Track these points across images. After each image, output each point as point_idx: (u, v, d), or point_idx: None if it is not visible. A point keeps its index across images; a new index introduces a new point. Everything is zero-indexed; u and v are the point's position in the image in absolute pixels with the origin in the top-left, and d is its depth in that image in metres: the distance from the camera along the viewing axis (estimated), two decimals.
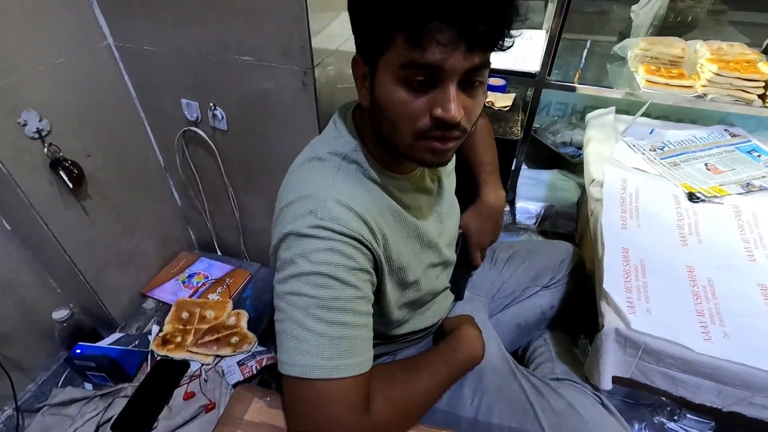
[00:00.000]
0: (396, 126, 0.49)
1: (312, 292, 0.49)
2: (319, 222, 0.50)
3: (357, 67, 0.53)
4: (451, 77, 0.45)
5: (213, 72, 0.87)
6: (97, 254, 1.00)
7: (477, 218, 0.84)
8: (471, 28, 0.42)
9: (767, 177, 1.04)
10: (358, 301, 0.51)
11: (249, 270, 1.20)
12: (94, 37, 0.88)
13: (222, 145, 1.00)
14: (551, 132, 1.61)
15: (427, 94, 0.47)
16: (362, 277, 0.52)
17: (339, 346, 0.49)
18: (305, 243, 0.50)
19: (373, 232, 0.54)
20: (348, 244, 0.50)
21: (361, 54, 0.52)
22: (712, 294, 0.78)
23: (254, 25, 0.78)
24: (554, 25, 1.23)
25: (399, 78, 0.46)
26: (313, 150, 0.60)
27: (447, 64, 0.44)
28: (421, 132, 0.49)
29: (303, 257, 0.49)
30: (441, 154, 0.51)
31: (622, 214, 0.94)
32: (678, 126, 1.28)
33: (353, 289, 0.50)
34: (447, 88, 0.45)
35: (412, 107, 0.47)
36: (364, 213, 0.53)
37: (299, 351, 0.48)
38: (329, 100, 0.87)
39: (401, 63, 0.45)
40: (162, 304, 1.14)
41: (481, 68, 0.46)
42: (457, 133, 0.49)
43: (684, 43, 1.32)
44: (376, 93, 0.50)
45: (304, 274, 0.49)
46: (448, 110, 0.46)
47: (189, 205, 1.21)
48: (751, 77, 1.11)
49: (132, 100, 0.99)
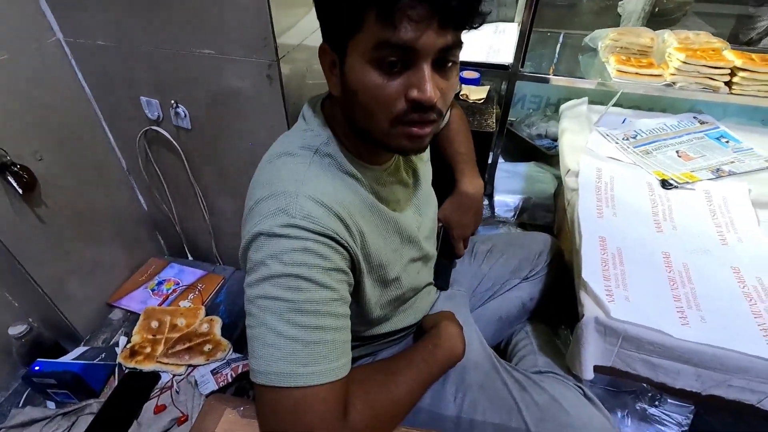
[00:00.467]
0: (371, 112, 0.48)
1: (285, 295, 0.46)
2: (290, 220, 0.47)
3: (325, 54, 0.51)
4: (425, 57, 0.44)
5: (173, 67, 0.83)
6: (55, 264, 0.94)
7: (457, 209, 0.83)
8: (443, 3, 0.41)
9: (736, 162, 1.06)
10: (333, 304, 0.48)
11: (222, 274, 1.16)
12: (41, 32, 0.82)
13: (187, 144, 0.96)
14: (526, 125, 1.61)
15: (401, 77, 0.45)
16: (338, 277, 0.49)
17: (315, 351, 0.46)
18: (276, 243, 0.47)
19: (348, 228, 0.51)
20: (322, 243, 0.47)
21: (328, 41, 0.50)
22: (688, 279, 0.78)
23: (214, 17, 0.74)
24: (525, 17, 1.23)
25: (371, 60, 0.45)
26: (282, 144, 0.57)
27: (420, 43, 0.43)
28: (397, 117, 0.47)
29: (274, 258, 0.46)
30: (418, 139, 0.50)
31: (598, 203, 0.94)
32: (649, 115, 1.29)
33: (329, 291, 0.47)
34: (421, 68, 0.44)
35: (386, 91, 0.45)
36: (338, 209, 0.50)
37: (273, 358, 0.45)
38: (297, 95, 0.84)
39: (374, 44, 0.44)
40: (130, 313, 1.08)
41: (454, 47, 0.46)
42: (433, 115, 0.48)
43: (652, 33, 1.34)
44: (348, 79, 0.48)
45: (276, 276, 0.46)
46: (425, 91, 0.45)
47: (156, 208, 1.15)
48: (717, 65, 1.13)
49: (87, 99, 0.93)
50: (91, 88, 0.92)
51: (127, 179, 1.09)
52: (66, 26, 0.84)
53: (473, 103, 1.28)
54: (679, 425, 0.94)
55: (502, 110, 1.41)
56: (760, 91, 1.13)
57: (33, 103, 0.83)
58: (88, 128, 0.96)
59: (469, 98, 1.29)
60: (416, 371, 0.59)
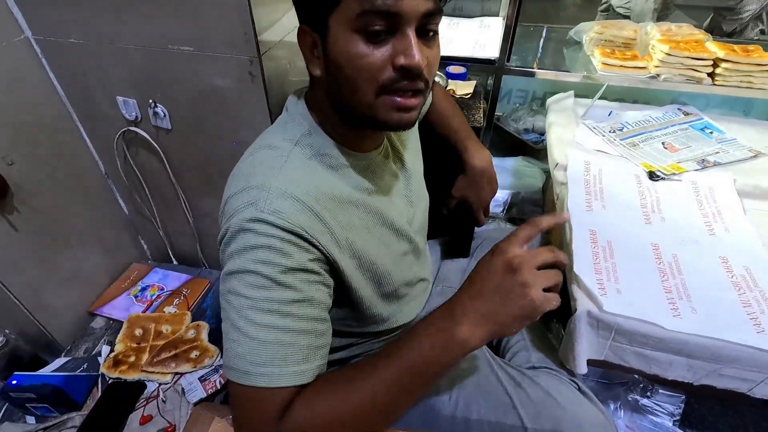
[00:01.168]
0: (356, 84, 0.47)
1: (246, 291, 0.46)
2: (258, 215, 0.46)
3: (304, 36, 0.50)
4: (410, 22, 0.44)
5: (150, 65, 0.80)
6: (30, 272, 0.91)
7: (471, 185, 0.83)
8: None
9: (720, 153, 1.07)
10: (296, 305, 0.46)
11: (208, 278, 1.13)
12: (8, 30, 0.79)
13: (167, 145, 0.92)
14: (513, 119, 1.61)
15: (386, 45, 0.45)
16: (303, 277, 0.47)
17: (271, 351, 0.45)
18: (242, 238, 0.46)
19: (326, 224, 0.50)
20: (287, 241, 0.46)
21: (307, 21, 0.49)
22: (678, 270, 0.78)
23: (192, 12, 0.71)
24: (510, 11, 1.22)
25: (356, 29, 0.44)
26: (263, 138, 0.56)
27: (404, 7, 0.43)
28: (384, 86, 0.46)
29: (239, 254, 0.46)
30: (406, 112, 0.49)
31: (587, 196, 0.94)
32: (634, 107, 1.30)
33: (291, 291, 0.46)
34: (407, 35, 0.44)
35: (372, 59, 0.45)
36: (314, 204, 0.49)
37: (233, 354, 0.46)
38: (280, 92, 0.82)
39: (357, 12, 0.43)
40: (112, 321, 1.05)
41: (436, 13, 0.46)
42: (421, 84, 0.47)
43: (635, 25, 1.34)
44: (331, 55, 0.47)
45: (239, 272, 0.46)
46: (412, 56, 0.44)
47: (137, 212, 1.12)
48: (700, 56, 1.14)
49: (60, 100, 0.89)
50: (64, 89, 0.89)
51: (105, 182, 1.05)
52: (35, 24, 0.80)
53: (460, 98, 1.27)
54: (671, 415, 0.94)
55: (489, 105, 1.40)
56: (742, 81, 1.14)
57: (0, 104, 0.79)
58: (62, 130, 0.92)
59: (456, 93, 1.28)
60: (392, 372, 0.47)
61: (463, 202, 0.85)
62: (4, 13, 0.77)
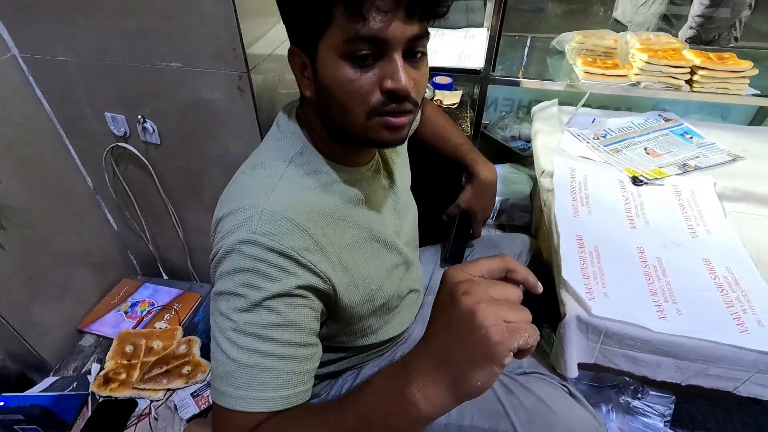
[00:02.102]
0: (347, 107, 0.48)
1: (230, 313, 0.46)
2: (249, 236, 0.46)
3: (295, 57, 0.51)
4: (396, 47, 0.45)
5: (138, 81, 0.80)
6: (18, 290, 0.89)
7: (479, 196, 0.86)
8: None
9: (700, 157, 1.10)
10: (279, 329, 0.46)
11: (199, 292, 1.12)
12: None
13: (157, 160, 0.92)
14: (500, 127, 1.63)
15: (374, 69, 0.46)
16: (288, 302, 0.47)
17: (251, 375, 0.45)
18: (232, 259, 0.47)
19: (318, 243, 0.50)
20: (275, 265, 0.46)
21: (297, 43, 0.50)
22: (663, 273, 0.80)
23: (180, 29, 0.72)
24: (494, 22, 1.25)
25: (343, 55, 0.45)
26: (256, 156, 0.57)
27: (389, 33, 0.43)
28: (373, 108, 0.47)
29: (228, 275, 0.47)
30: (396, 130, 0.50)
31: (573, 202, 0.96)
32: (617, 114, 1.33)
33: (274, 315, 0.46)
34: (393, 59, 0.45)
35: (360, 84, 0.46)
36: (307, 224, 0.49)
37: (216, 373, 0.47)
38: (270, 105, 0.83)
39: (344, 38, 0.44)
40: (102, 338, 1.03)
41: (422, 37, 0.47)
42: (409, 105, 0.48)
43: (615, 34, 1.38)
44: (321, 77, 0.48)
45: (226, 293, 0.47)
46: (399, 80, 0.45)
47: (126, 227, 1.11)
48: (678, 64, 1.18)
49: (47, 117, 0.89)
50: (51, 106, 0.88)
51: (93, 198, 1.05)
52: (21, 42, 0.80)
53: (447, 107, 1.29)
54: (662, 416, 0.96)
55: (475, 114, 1.42)
56: (718, 87, 1.18)
57: None
58: (49, 147, 0.92)
59: (443, 103, 1.30)
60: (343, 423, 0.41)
61: (465, 212, 0.88)
62: None
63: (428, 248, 0.99)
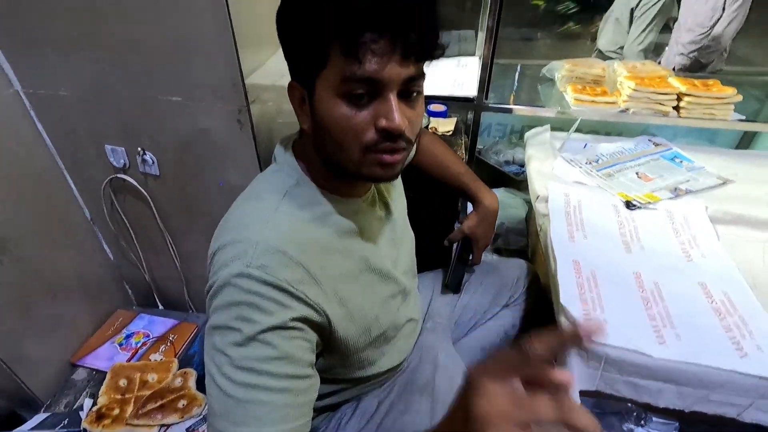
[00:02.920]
0: (342, 143, 0.49)
1: (225, 348, 0.46)
2: (244, 269, 0.46)
3: (294, 91, 0.52)
4: (391, 87, 0.46)
5: (139, 115, 0.82)
6: (10, 323, 0.88)
7: (482, 223, 0.87)
8: (403, 36, 0.43)
9: (691, 181, 1.12)
10: (275, 363, 0.46)
11: (195, 322, 1.11)
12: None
13: (155, 190, 0.93)
14: (494, 152, 1.66)
15: (369, 107, 0.47)
16: (283, 335, 0.47)
17: (247, 410, 0.45)
18: (227, 293, 0.47)
19: (314, 277, 0.50)
20: (269, 299, 0.46)
21: (297, 78, 0.51)
22: (660, 297, 0.81)
23: (181, 65, 0.74)
24: (485, 51, 1.29)
25: (340, 93, 0.46)
26: (253, 187, 0.58)
27: (384, 74, 0.44)
28: (368, 146, 0.48)
29: (222, 309, 0.47)
30: (390, 167, 0.50)
31: (569, 227, 0.97)
32: (608, 139, 1.36)
33: (269, 349, 0.46)
34: (388, 99, 0.46)
35: (356, 121, 0.47)
36: (301, 257, 0.50)
37: (212, 411, 0.47)
38: (268, 137, 0.84)
39: (341, 78, 0.45)
40: (95, 372, 1.01)
41: (417, 78, 0.48)
42: (403, 143, 0.49)
43: (603, 63, 1.43)
44: (317, 113, 0.49)
45: (220, 327, 0.47)
46: (393, 120, 0.46)
47: (122, 257, 1.11)
48: (664, 91, 1.22)
49: (47, 150, 0.90)
50: (51, 139, 0.90)
51: (91, 229, 1.05)
52: (24, 78, 0.82)
53: (442, 135, 1.31)
54: None
55: (470, 139, 1.45)
56: (704, 113, 1.21)
57: None
58: (48, 180, 0.93)
59: (438, 130, 1.32)
60: None
61: (466, 238, 0.89)
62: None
63: (426, 274, 0.99)
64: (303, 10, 0.46)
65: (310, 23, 0.45)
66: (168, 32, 0.70)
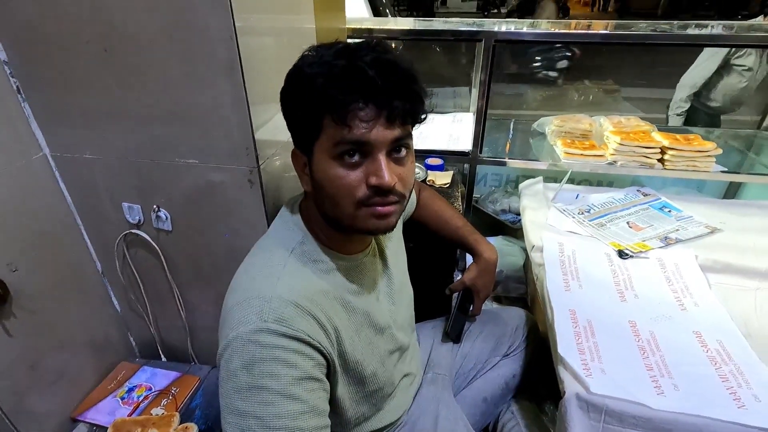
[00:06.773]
0: (337, 200, 0.54)
1: (253, 410, 0.47)
2: (263, 325, 0.49)
3: (297, 158, 0.59)
4: (379, 148, 0.52)
5: (157, 175, 0.87)
6: (17, 377, 0.89)
7: (483, 274, 0.90)
8: (386, 103, 0.50)
9: (680, 230, 1.16)
10: (303, 417, 0.48)
11: (198, 375, 1.11)
12: (29, 149, 0.86)
13: (167, 245, 0.97)
14: (491, 201, 1.72)
15: (361, 167, 0.52)
16: (309, 386, 0.50)
17: None
18: (248, 351, 0.48)
19: (324, 328, 0.54)
20: (292, 351, 0.49)
21: (298, 146, 0.58)
22: (656, 346, 0.82)
23: (200, 131, 0.80)
24: (479, 107, 1.38)
25: (334, 156, 0.52)
26: (261, 247, 0.62)
27: (372, 137, 0.50)
28: (360, 201, 0.53)
29: (245, 369, 0.48)
30: (384, 217, 0.55)
31: (564, 276, 1.00)
32: (599, 190, 1.42)
33: (298, 403, 0.48)
34: (377, 158, 0.52)
35: (349, 180, 0.52)
36: (312, 308, 0.53)
37: None
38: (276, 195, 0.90)
39: (333, 142, 0.51)
40: (96, 427, 1.00)
41: (404, 138, 0.53)
42: (394, 197, 0.54)
43: (590, 118, 1.52)
44: (316, 175, 0.55)
45: (245, 389, 0.47)
46: (382, 177, 0.51)
47: (129, 309, 1.13)
48: (648, 145, 1.29)
49: (67, 207, 0.95)
50: (72, 197, 0.95)
51: (101, 282, 1.08)
52: (53, 142, 0.89)
53: (440, 187, 1.37)
54: None
55: (467, 189, 1.51)
56: (687, 165, 1.28)
57: (13, 216, 0.84)
58: (65, 235, 0.97)
59: (436, 183, 1.38)
60: None
61: (467, 288, 0.92)
62: (26, 135, 0.86)
63: (426, 324, 1.01)
64: (299, 88, 0.53)
65: (305, 98, 0.52)
66: (189, 102, 0.77)
